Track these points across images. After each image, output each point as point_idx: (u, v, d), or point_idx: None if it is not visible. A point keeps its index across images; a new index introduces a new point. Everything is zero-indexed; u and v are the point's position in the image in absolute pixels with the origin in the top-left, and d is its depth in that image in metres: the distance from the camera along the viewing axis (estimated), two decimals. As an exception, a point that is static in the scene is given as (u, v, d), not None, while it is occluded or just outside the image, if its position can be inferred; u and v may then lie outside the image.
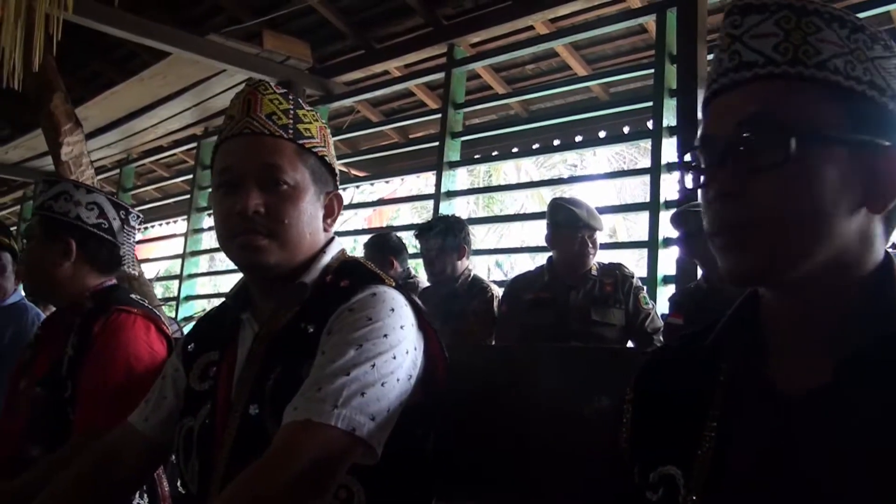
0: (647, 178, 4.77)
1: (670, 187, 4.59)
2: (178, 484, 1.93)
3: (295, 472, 1.14)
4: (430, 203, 5.66)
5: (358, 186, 7.64)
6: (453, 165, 5.56)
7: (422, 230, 4.09)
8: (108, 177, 9.94)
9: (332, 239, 1.49)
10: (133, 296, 2.05)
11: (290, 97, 1.45)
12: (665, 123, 4.63)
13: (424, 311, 1.41)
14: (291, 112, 1.42)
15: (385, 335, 1.29)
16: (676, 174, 4.57)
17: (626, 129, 5.96)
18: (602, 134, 6.05)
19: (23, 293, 2.86)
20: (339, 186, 1.53)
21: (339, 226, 1.51)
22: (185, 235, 7.79)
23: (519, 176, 14.99)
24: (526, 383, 1.55)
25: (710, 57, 4.65)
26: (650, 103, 4.83)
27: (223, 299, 1.58)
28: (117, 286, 2.09)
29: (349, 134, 7.08)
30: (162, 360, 1.92)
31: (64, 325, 2.01)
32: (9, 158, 9.30)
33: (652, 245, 4.52)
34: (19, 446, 1.88)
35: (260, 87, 1.43)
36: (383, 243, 4.55)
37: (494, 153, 6.63)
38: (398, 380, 1.27)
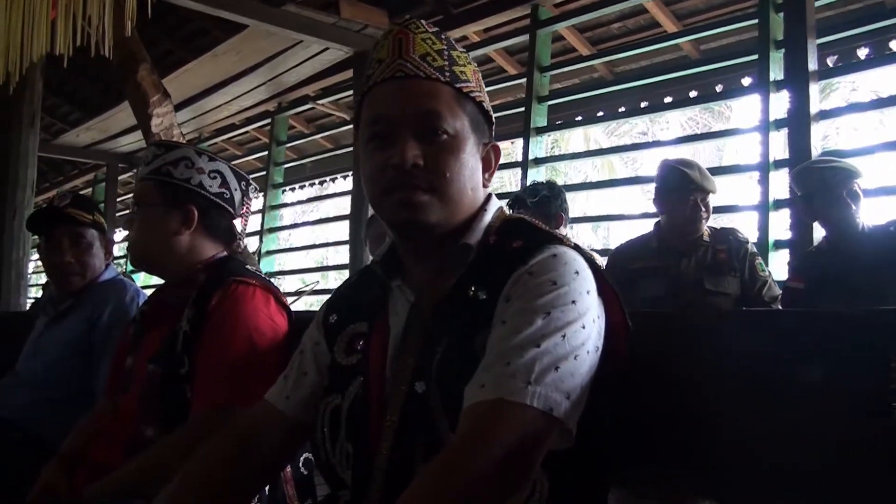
0: (721, 143, 4.51)
1: (779, 146, 4.32)
2: (302, 465, 1.81)
3: (493, 460, 0.98)
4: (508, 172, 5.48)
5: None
6: (541, 131, 5.34)
7: (518, 198, 3.90)
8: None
9: (489, 196, 1.32)
10: (248, 267, 1.91)
11: (443, 36, 1.29)
12: (772, 78, 4.34)
13: (605, 273, 1.23)
14: (446, 53, 1.26)
15: (573, 301, 1.12)
16: (786, 132, 4.28)
17: (718, 88, 5.65)
18: (693, 94, 5.76)
19: (116, 269, 2.75)
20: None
21: None
22: (262, 212, 7.73)
23: (588, 144, 14.72)
24: (707, 351, 1.35)
25: (820, 3, 4.39)
26: (753, 56, 4.55)
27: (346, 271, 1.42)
28: (231, 257, 1.94)
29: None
30: (284, 333, 1.79)
31: (174, 299, 1.88)
32: (80, 141, 9.40)
33: (763, 208, 4.25)
34: (132, 427, 1.76)
35: (411, 25, 1.27)
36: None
37: (578, 118, 6.38)
38: (588, 352, 1.11)
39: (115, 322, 2.42)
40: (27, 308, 5.25)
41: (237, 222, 1.98)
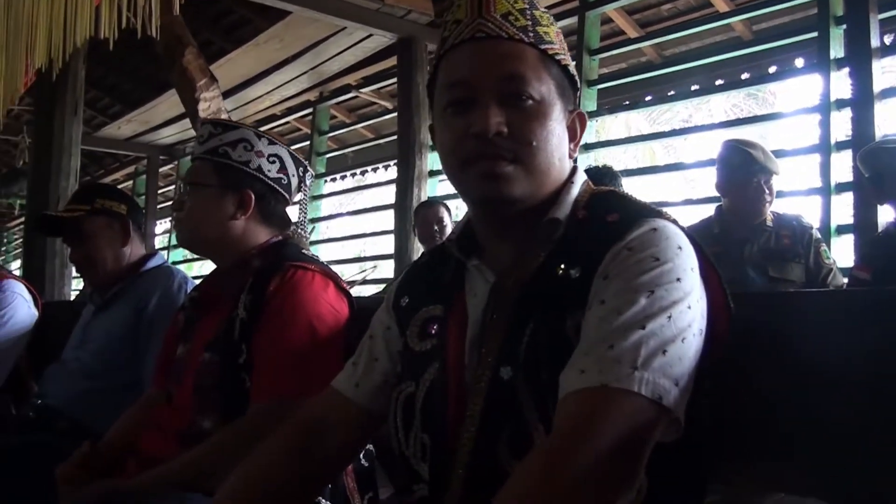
0: (765, 128, 4.34)
1: (841, 127, 4.14)
2: (363, 457, 1.72)
3: (601, 455, 0.88)
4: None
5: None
6: (591, 116, 5.20)
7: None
8: (219, 149, 9.91)
9: (575, 167, 1.22)
10: (304, 251, 1.82)
11: None
12: (832, 56, 4.17)
13: (706, 251, 1.12)
14: (528, 12, 1.16)
15: (678, 279, 1.02)
16: (847, 112, 4.11)
17: (771, 69, 5.46)
18: (745, 76, 5.57)
19: (164, 256, 2.68)
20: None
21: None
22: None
23: (629, 131, 14.49)
24: (824, 336, 1.22)
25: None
26: (808, 35, 4.38)
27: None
28: (286, 242, 1.86)
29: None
30: (345, 319, 1.71)
31: (228, 286, 1.79)
32: (121, 134, 9.44)
33: (824, 191, 4.08)
34: (186, 418, 1.68)
35: None
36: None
37: (625, 102, 6.21)
38: (693, 335, 1.01)
39: (163, 310, 2.34)
40: (72, 298, 5.25)
41: (302, 210, 1.91)
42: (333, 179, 8.40)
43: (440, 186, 6.09)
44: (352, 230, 9.20)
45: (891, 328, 1.15)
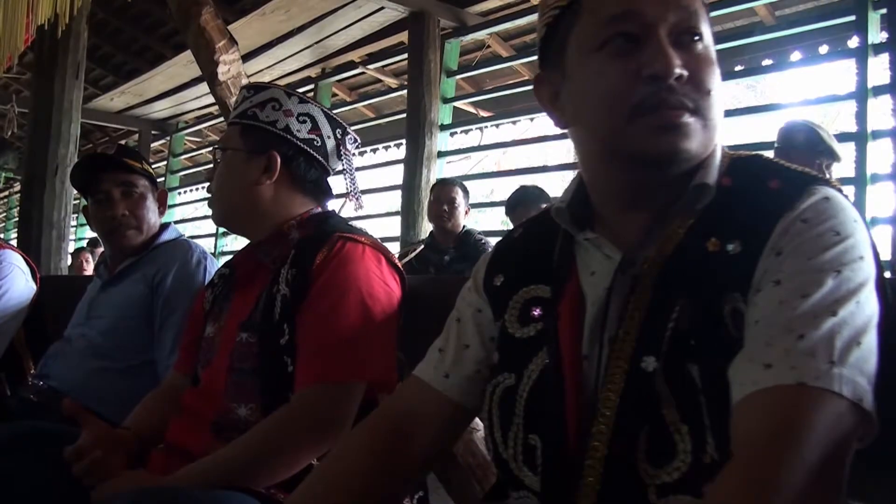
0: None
1: (880, 114, 3.99)
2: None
3: (810, 468, 0.72)
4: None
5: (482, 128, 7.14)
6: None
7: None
8: (214, 124, 9.74)
9: None
10: (352, 223, 1.64)
11: None
12: (870, 41, 4.01)
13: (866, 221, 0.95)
14: None
15: (861, 257, 0.85)
16: (887, 98, 3.95)
17: (794, 56, 5.29)
18: (767, 62, 5.41)
19: (179, 231, 2.48)
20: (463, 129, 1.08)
21: (469, 168, 1.06)
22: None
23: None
24: None
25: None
26: (849, 17, 4.21)
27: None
28: (332, 213, 1.68)
29: (477, 71, 6.63)
30: (398, 299, 1.53)
31: (264, 259, 1.61)
32: (113, 106, 9.21)
33: (859, 181, 3.93)
34: (219, 405, 1.50)
35: None
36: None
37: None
38: (876, 323, 0.83)
39: (181, 286, 2.16)
40: (66, 272, 5.03)
41: (348, 178, 1.72)
42: (333, 158, 8.17)
43: (447, 168, 5.92)
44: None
45: None
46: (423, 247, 4.35)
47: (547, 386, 0.97)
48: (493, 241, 4.36)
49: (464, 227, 4.38)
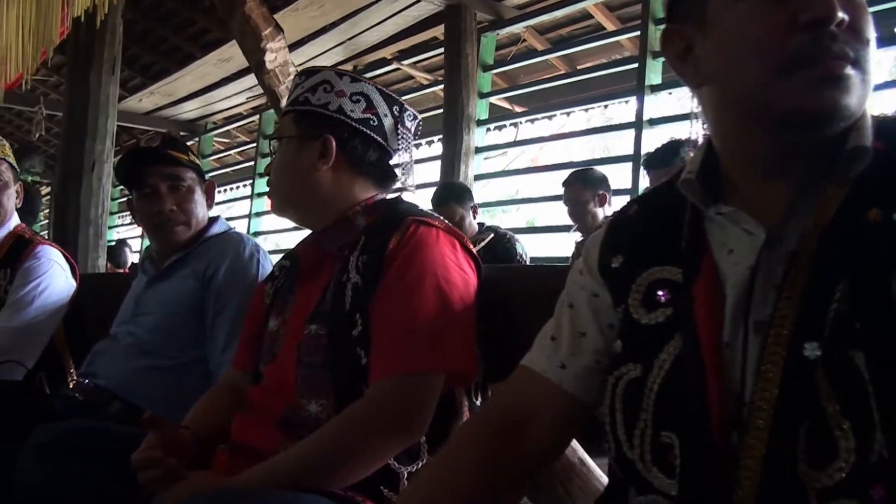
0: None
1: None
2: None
3: None
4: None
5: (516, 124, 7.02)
6: (656, 89, 4.88)
7: (653, 158, 3.50)
8: (244, 124, 9.70)
9: None
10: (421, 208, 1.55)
11: None
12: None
13: None
14: None
15: None
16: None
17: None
18: None
19: (228, 224, 2.39)
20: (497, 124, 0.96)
21: (505, 164, 0.95)
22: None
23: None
24: None
25: None
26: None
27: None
28: (400, 198, 1.59)
29: (514, 65, 6.54)
30: (475, 286, 1.44)
31: (330, 247, 1.53)
32: (142, 107, 9.19)
33: None
34: (286, 401, 1.41)
35: None
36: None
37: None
38: None
39: (234, 281, 2.07)
40: (103, 270, 4.97)
41: (402, 160, 1.62)
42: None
43: (485, 164, 5.81)
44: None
45: None
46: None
47: (684, 377, 0.86)
48: (521, 238, 4.36)
49: (484, 225, 4.29)
